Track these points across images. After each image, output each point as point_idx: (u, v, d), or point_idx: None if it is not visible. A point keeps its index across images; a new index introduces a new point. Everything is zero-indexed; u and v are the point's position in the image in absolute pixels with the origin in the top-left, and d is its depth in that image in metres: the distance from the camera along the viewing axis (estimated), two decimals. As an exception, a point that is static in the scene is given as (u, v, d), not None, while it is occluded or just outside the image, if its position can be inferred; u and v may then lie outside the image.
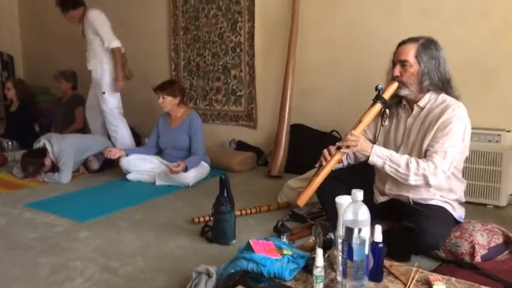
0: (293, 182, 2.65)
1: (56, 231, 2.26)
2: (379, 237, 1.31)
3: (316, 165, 1.95)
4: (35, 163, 3.26)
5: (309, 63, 3.46)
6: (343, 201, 1.28)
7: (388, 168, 1.80)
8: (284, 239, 1.72)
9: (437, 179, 1.77)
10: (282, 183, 2.80)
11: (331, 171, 1.87)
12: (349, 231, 1.18)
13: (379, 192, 2.02)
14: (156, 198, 2.84)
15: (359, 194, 1.18)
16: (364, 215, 1.18)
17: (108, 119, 3.70)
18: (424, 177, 1.75)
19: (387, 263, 1.40)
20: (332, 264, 1.37)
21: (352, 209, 1.19)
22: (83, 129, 4.22)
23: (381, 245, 1.30)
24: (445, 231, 1.76)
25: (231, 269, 1.36)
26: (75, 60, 4.35)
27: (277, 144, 3.42)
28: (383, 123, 1.99)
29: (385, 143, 1.99)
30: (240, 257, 1.38)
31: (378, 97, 1.87)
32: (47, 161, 3.29)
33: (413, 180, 1.77)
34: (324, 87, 3.42)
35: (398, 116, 1.98)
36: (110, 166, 3.54)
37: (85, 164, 3.53)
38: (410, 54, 1.84)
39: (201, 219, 2.31)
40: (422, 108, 1.89)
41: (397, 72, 1.87)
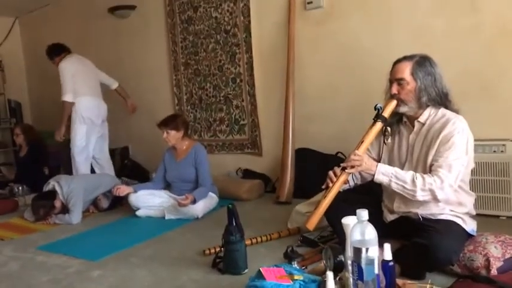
0: (302, 206, 2.64)
1: (68, 273, 2.26)
2: (388, 255, 1.30)
3: (323, 187, 1.95)
4: (45, 206, 3.29)
5: (308, 88, 3.51)
6: (349, 222, 1.28)
7: (395, 186, 1.81)
8: (295, 264, 1.71)
9: (445, 193, 1.76)
10: (291, 208, 2.79)
11: (339, 192, 1.88)
12: (357, 252, 1.18)
13: (388, 210, 2.01)
14: (166, 232, 2.84)
15: (364, 213, 1.19)
16: (370, 234, 1.18)
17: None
18: (431, 192, 1.75)
19: (400, 282, 1.39)
20: (344, 286, 1.36)
21: (358, 229, 1.19)
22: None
23: (391, 263, 1.30)
24: (457, 245, 1.74)
25: (243, 299, 1.36)
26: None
27: (283, 169, 3.43)
28: (386, 141, 2.01)
29: (390, 161, 2.00)
30: (251, 286, 1.37)
31: (378, 116, 1.90)
32: (57, 203, 3.32)
33: (420, 195, 1.77)
34: (325, 110, 3.45)
35: (400, 133, 2.00)
36: (120, 204, 3.56)
37: (95, 203, 3.56)
38: (406, 72, 1.87)
39: (211, 251, 2.29)
40: (423, 124, 1.90)
41: (394, 90, 1.90)
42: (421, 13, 2.91)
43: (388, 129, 1.97)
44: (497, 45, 2.65)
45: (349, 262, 1.25)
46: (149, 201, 3.25)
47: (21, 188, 4.07)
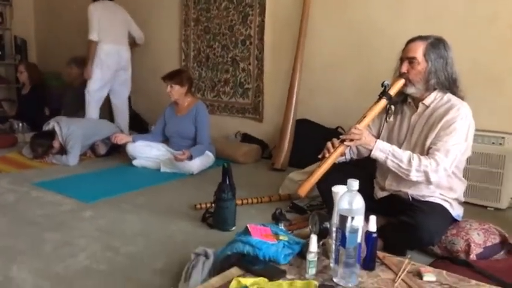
0: (295, 174, 2.68)
1: (61, 210, 2.32)
2: (373, 227, 1.33)
3: (319, 156, 1.97)
4: (44, 145, 3.33)
5: (317, 60, 3.47)
6: (339, 190, 1.31)
7: (390, 163, 1.82)
8: (281, 226, 1.75)
9: (438, 177, 1.78)
10: (284, 176, 2.83)
11: (334, 164, 1.90)
12: (343, 219, 1.21)
13: (380, 187, 2.04)
14: (160, 184, 2.89)
15: (355, 183, 1.21)
16: (358, 204, 1.21)
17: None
18: (425, 174, 1.77)
19: (381, 254, 1.43)
20: (327, 252, 1.41)
21: (347, 197, 1.22)
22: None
23: (374, 235, 1.33)
24: (441, 227, 1.78)
25: (228, 251, 1.40)
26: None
27: (282, 137, 3.45)
28: (387, 119, 2.01)
29: (388, 139, 2.00)
30: (237, 240, 1.41)
31: (384, 93, 1.89)
32: (56, 143, 3.35)
33: (414, 176, 1.79)
34: (331, 84, 3.43)
35: (402, 113, 2.00)
36: (117, 151, 3.60)
37: (92, 148, 3.59)
38: (419, 52, 1.85)
39: (202, 206, 2.35)
40: (427, 107, 1.90)
41: (404, 69, 1.88)
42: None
43: (392, 107, 1.97)
44: (509, 39, 2.61)
45: (334, 229, 1.28)
46: (146, 152, 3.28)
47: (21, 124, 4.10)
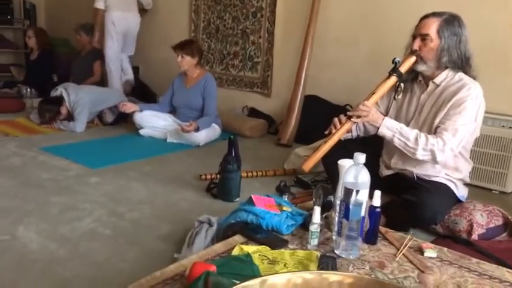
0: (301, 150, 2.68)
1: (68, 175, 2.35)
2: (377, 202, 1.34)
3: (326, 132, 1.96)
4: (52, 110, 3.34)
5: (329, 36, 3.41)
6: (345, 164, 1.30)
7: (397, 141, 1.81)
8: (285, 198, 1.76)
9: (445, 156, 1.77)
10: (290, 151, 2.83)
11: (340, 140, 1.89)
12: (347, 192, 1.21)
13: (385, 165, 2.03)
14: (166, 154, 2.90)
15: (361, 157, 1.21)
16: (364, 178, 1.21)
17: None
18: (432, 153, 1.76)
19: (383, 229, 1.44)
20: (329, 224, 1.42)
21: (353, 171, 1.22)
22: (100, 83, 4.28)
23: (378, 210, 1.33)
24: (444, 207, 1.78)
25: (231, 220, 1.42)
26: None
27: (289, 113, 3.43)
28: (396, 97, 1.98)
29: (396, 117, 1.98)
30: (241, 209, 1.43)
31: (394, 70, 1.86)
32: (63, 109, 3.37)
33: (420, 155, 1.78)
34: (341, 61, 3.38)
35: (412, 91, 1.97)
36: (124, 120, 3.61)
37: (100, 116, 3.60)
38: (432, 29, 1.80)
39: (208, 176, 2.36)
40: (437, 85, 1.87)
41: (416, 45, 1.84)
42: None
43: (402, 85, 1.93)
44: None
45: (338, 203, 1.29)
46: (153, 122, 3.28)
47: (29, 90, 4.11)
